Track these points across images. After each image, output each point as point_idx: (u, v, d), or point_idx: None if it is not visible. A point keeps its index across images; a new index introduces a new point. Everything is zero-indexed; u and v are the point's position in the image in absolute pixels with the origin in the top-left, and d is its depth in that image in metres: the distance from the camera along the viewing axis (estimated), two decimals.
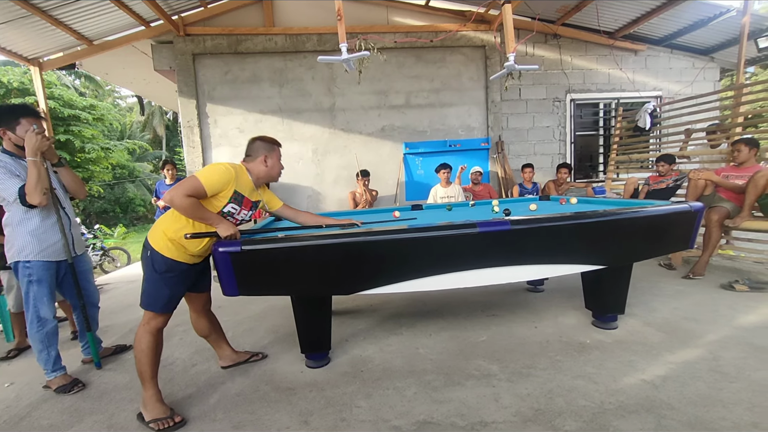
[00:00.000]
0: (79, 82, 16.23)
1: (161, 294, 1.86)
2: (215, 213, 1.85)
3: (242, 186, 1.94)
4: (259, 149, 2.04)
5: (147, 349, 1.86)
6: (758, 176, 3.20)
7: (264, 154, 2.02)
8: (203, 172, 1.82)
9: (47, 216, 2.18)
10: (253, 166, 2.03)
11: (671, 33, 5.58)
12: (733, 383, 1.85)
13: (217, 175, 1.82)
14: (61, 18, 4.18)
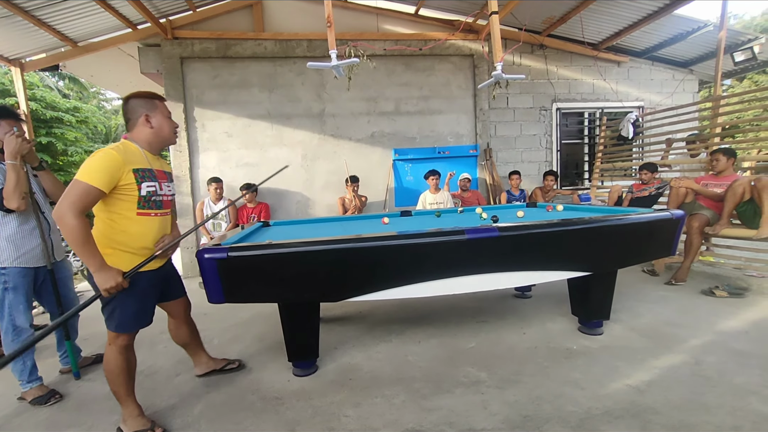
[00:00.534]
0: (62, 83, 15.88)
1: (128, 312, 1.68)
2: (101, 257, 1.52)
3: (139, 162, 1.66)
4: (136, 109, 1.69)
5: (118, 369, 1.72)
6: (736, 185, 3.30)
7: (143, 113, 1.69)
8: (83, 170, 1.51)
9: (26, 221, 2.11)
10: (136, 133, 1.70)
11: (652, 46, 5.76)
12: (715, 387, 1.88)
13: (98, 163, 1.52)
14: (45, 19, 4.10)
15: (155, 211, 1.73)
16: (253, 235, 2.73)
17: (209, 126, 5.11)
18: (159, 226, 1.76)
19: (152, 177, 1.70)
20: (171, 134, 1.79)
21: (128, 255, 1.66)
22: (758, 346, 2.28)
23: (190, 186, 5.05)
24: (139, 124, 1.69)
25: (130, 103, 1.70)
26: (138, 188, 1.64)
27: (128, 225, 1.65)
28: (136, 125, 1.70)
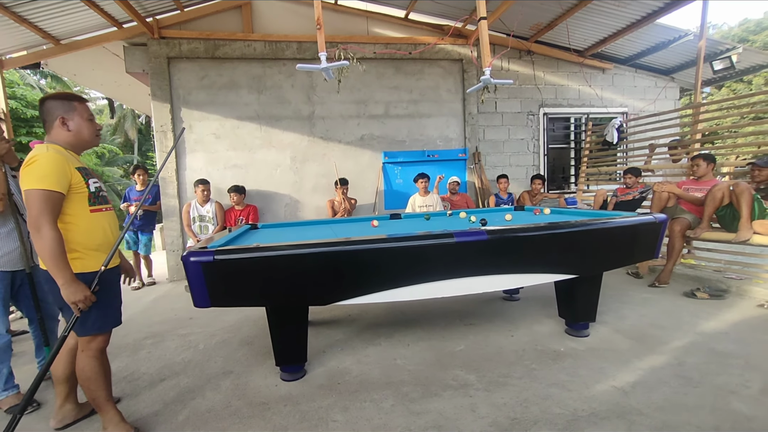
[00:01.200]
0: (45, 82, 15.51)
1: (104, 311, 1.65)
2: (71, 269, 1.51)
3: (75, 160, 1.64)
4: (51, 112, 1.61)
5: (95, 374, 1.67)
6: (715, 190, 3.40)
7: (59, 115, 1.61)
8: (33, 178, 1.46)
9: (3, 223, 2.05)
10: (53, 135, 1.63)
11: (635, 53, 5.91)
12: (697, 388, 1.93)
13: (47, 167, 1.48)
14: (26, 15, 3.99)
15: (105, 206, 1.73)
16: (241, 237, 2.69)
17: (196, 127, 5.04)
18: (112, 219, 1.77)
19: (92, 174, 1.71)
20: (91, 137, 1.72)
21: (92, 254, 1.63)
22: (738, 346, 2.35)
23: (177, 188, 4.97)
24: (56, 127, 1.63)
25: (45, 105, 1.63)
26: (87, 185, 1.63)
27: (85, 224, 1.62)
28: (53, 128, 1.63)
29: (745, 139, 4.68)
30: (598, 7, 4.70)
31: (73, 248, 1.59)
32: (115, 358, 2.64)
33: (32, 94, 11.35)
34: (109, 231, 1.73)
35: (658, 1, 4.55)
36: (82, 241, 1.61)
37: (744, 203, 3.18)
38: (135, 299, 4.27)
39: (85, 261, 1.61)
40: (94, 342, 1.67)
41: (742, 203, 3.19)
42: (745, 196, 3.17)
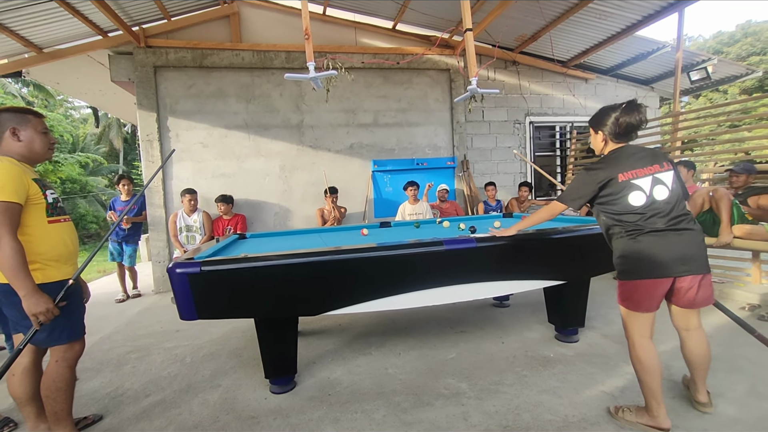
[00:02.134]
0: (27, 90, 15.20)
1: (75, 316, 1.69)
2: (33, 280, 1.50)
3: (30, 172, 1.64)
4: (2, 123, 1.60)
5: (67, 385, 1.66)
6: (696, 196, 3.49)
7: (10, 126, 1.60)
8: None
9: None
10: (4, 148, 1.61)
11: (616, 64, 6.09)
12: (684, 391, 1.95)
13: (4, 177, 1.47)
14: (6, 23, 3.93)
15: (63, 216, 1.72)
16: (229, 248, 2.66)
17: (183, 136, 4.99)
18: (71, 230, 1.76)
19: (48, 185, 1.70)
20: (44, 150, 1.69)
21: (53, 265, 1.63)
22: (722, 349, 2.39)
23: (163, 197, 4.89)
24: (6, 138, 1.60)
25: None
26: (44, 196, 1.62)
27: (43, 234, 1.61)
28: (3, 139, 1.61)
29: (722, 146, 4.84)
30: (580, 20, 4.85)
31: (33, 259, 1.57)
32: (97, 374, 2.56)
33: (14, 104, 11.09)
34: (69, 242, 1.72)
35: (636, 15, 4.72)
36: (42, 251, 1.60)
37: (723, 208, 3.27)
38: (119, 312, 4.16)
39: (46, 271, 1.60)
40: (71, 351, 1.67)
41: (721, 208, 3.29)
42: (725, 201, 3.27)
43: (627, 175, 1.66)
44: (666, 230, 1.61)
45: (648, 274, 1.61)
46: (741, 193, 3.46)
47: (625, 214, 1.66)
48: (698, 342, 1.76)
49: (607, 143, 1.81)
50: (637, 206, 1.64)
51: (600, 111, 1.83)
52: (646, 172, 1.66)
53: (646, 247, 1.61)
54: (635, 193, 1.64)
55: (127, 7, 4.35)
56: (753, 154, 4.22)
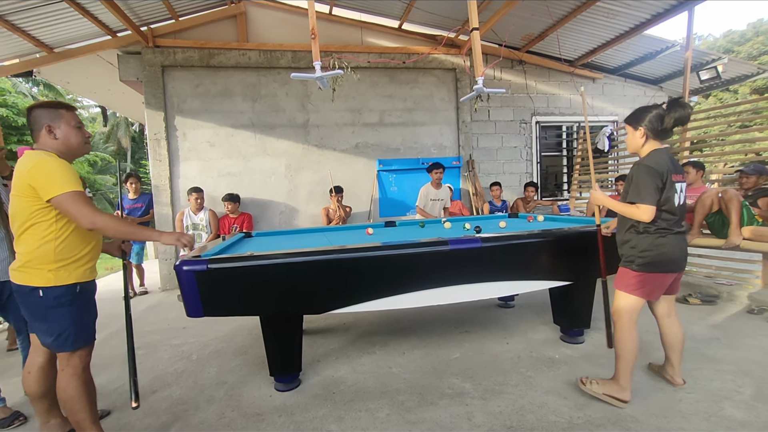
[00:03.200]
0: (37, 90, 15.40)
1: (85, 321, 1.62)
2: (148, 229, 1.75)
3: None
4: (37, 120, 1.58)
5: (78, 394, 1.58)
6: (705, 197, 3.45)
7: (46, 123, 1.57)
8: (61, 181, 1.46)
9: None
10: (41, 144, 1.59)
11: (624, 63, 6.03)
12: (690, 394, 1.94)
13: (64, 170, 1.49)
14: (19, 24, 3.98)
15: None
16: (235, 246, 2.68)
17: (190, 135, 5.03)
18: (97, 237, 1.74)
19: (84, 183, 1.75)
20: (80, 145, 1.66)
21: (87, 264, 1.64)
22: (730, 352, 2.37)
23: (170, 196, 4.94)
24: (42, 135, 1.58)
25: (32, 114, 1.59)
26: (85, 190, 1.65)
27: (81, 232, 1.59)
28: (40, 136, 1.58)
29: (732, 147, 4.78)
30: (588, 19, 4.81)
31: (68, 258, 1.55)
32: (105, 369, 2.59)
33: (24, 102, 11.25)
34: (100, 240, 1.73)
35: (645, 13, 4.67)
36: (79, 249, 1.59)
37: (733, 210, 3.23)
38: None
39: (61, 273, 1.55)
40: (73, 358, 1.60)
41: (731, 210, 3.24)
42: (734, 202, 3.23)
43: (676, 177, 1.81)
44: (680, 232, 1.86)
45: (669, 269, 1.83)
46: (751, 194, 3.41)
47: (665, 212, 1.81)
48: (678, 326, 2.01)
49: (647, 140, 1.86)
50: (676, 207, 1.81)
51: (639, 109, 1.89)
52: (680, 179, 1.83)
53: (670, 245, 1.81)
54: (677, 195, 1.81)
55: (135, 8, 4.39)
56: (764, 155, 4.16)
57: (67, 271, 1.56)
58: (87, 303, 1.65)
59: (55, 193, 1.45)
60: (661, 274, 1.83)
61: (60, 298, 1.53)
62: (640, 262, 1.84)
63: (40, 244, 1.51)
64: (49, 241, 1.52)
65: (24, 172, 1.47)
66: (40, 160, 1.49)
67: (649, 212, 1.78)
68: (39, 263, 1.51)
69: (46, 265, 1.52)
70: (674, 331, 1.99)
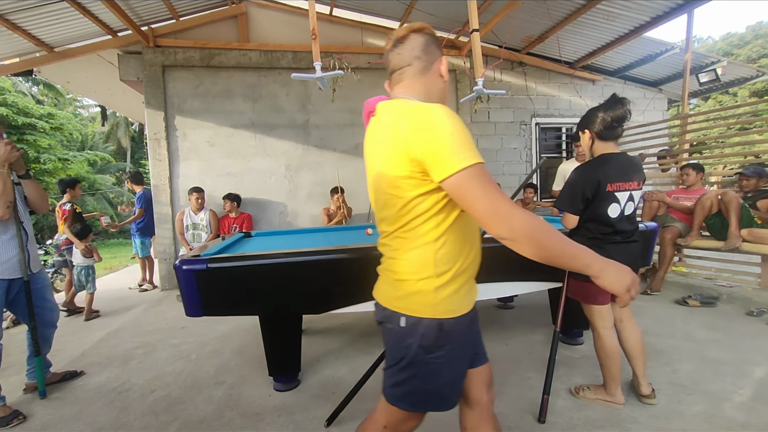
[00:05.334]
0: (37, 89, 15.40)
1: (444, 382, 1.01)
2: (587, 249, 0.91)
3: None
4: (431, 50, 1.04)
5: None
6: (704, 199, 3.46)
7: (440, 56, 1.06)
8: (463, 150, 0.85)
9: (4, 231, 2.04)
10: (423, 84, 1.04)
11: (624, 65, 6.04)
12: (691, 395, 1.93)
13: (465, 131, 0.89)
14: (19, 23, 3.98)
15: None
16: (234, 246, 2.68)
17: (191, 135, 5.03)
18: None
19: None
20: (444, 95, 1.10)
21: (463, 294, 1.01)
22: (730, 353, 2.37)
23: (170, 195, 4.93)
24: (433, 72, 1.05)
25: (424, 39, 1.03)
26: None
27: (462, 230, 0.99)
28: (428, 72, 1.04)
29: (731, 149, 4.78)
30: (587, 21, 4.82)
31: (460, 267, 0.99)
32: (104, 369, 2.59)
33: (23, 101, 11.25)
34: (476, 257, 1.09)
35: (645, 16, 4.68)
36: (468, 255, 1.01)
37: (732, 212, 3.24)
38: (126, 308, 4.20)
39: (457, 300, 0.99)
40: (404, 422, 1.10)
41: (730, 212, 3.25)
42: (734, 204, 3.23)
43: (613, 186, 1.73)
44: (621, 242, 1.79)
45: None
46: (750, 196, 3.42)
47: (596, 222, 1.77)
48: (631, 331, 1.92)
49: (594, 142, 1.83)
50: (611, 218, 1.74)
51: (587, 112, 1.86)
52: (627, 188, 1.76)
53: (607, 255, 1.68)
54: (614, 205, 1.74)
55: (136, 7, 4.39)
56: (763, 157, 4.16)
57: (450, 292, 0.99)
58: (455, 350, 1.02)
59: (466, 162, 0.85)
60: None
61: (425, 340, 0.98)
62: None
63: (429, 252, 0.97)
64: (443, 242, 0.97)
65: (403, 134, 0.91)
66: (433, 111, 0.89)
67: (570, 220, 1.81)
68: (427, 278, 0.97)
69: (432, 283, 0.98)
70: (626, 336, 1.90)
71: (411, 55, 1.03)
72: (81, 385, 2.36)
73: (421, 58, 1.03)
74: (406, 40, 1.04)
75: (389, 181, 0.95)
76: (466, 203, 0.87)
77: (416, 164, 0.89)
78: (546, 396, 1.81)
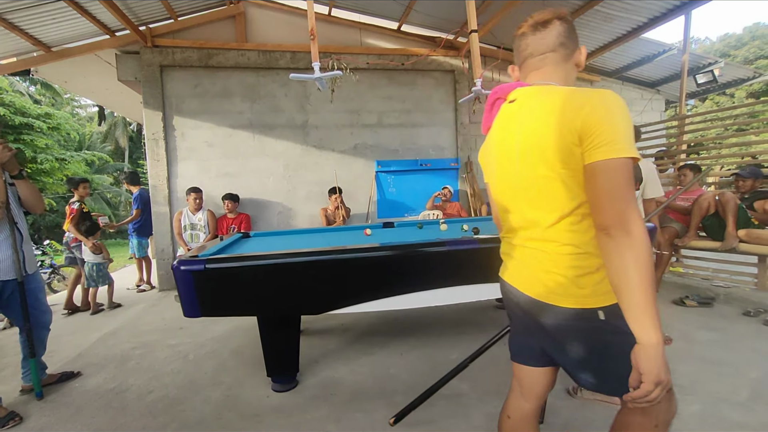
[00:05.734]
0: (34, 89, 15.35)
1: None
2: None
3: None
4: (573, 37, 1.04)
5: None
6: (701, 199, 3.48)
7: (578, 43, 1.06)
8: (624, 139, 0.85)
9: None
10: (563, 71, 1.04)
11: (622, 66, 6.06)
12: (688, 396, 1.94)
13: (630, 123, 0.90)
14: (17, 22, 3.97)
15: None
16: (232, 246, 2.67)
17: (189, 135, 5.02)
18: None
19: None
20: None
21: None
22: (727, 354, 2.38)
23: (168, 196, 4.92)
24: (573, 61, 1.04)
25: (568, 26, 1.03)
26: None
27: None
28: (569, 60, 1.04)
29: (729, 150, 4.80)
30: (585, 22, 4.83)
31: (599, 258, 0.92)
32: (102, 370, 2.58)
33: (20, 101, 11.20)
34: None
35: (642, 17, 4.70)
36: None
37: (729, 212, 3.25)
38: (123, 309, 4.19)
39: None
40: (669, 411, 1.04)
41: (727, 212, 3.26)
42: (731, 205, 3.25)
43: None
44: None
45: None
46: (747, 197, 3.44)
47: None
48: None
49: None
50: None
51: None
52: None
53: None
54: None
55: (134, 7, 4.38)
56: (760, 158, 4.19)
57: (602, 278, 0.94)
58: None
59: (619, 152, 0.84)
60: None
61: (614, 327, 0.95)
62: None
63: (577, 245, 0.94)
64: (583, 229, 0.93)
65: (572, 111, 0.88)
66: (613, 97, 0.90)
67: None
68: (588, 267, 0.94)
69: (597, 273, 0.93)
70: None
71: (556, 42, 1.02)
72: (78, 386, 2.35)
73: (565, 45, 1.02)
74: (549, 26, 1.02)
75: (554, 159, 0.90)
76: (603, 190, 0.84)
77: (581, 142, 0.87)
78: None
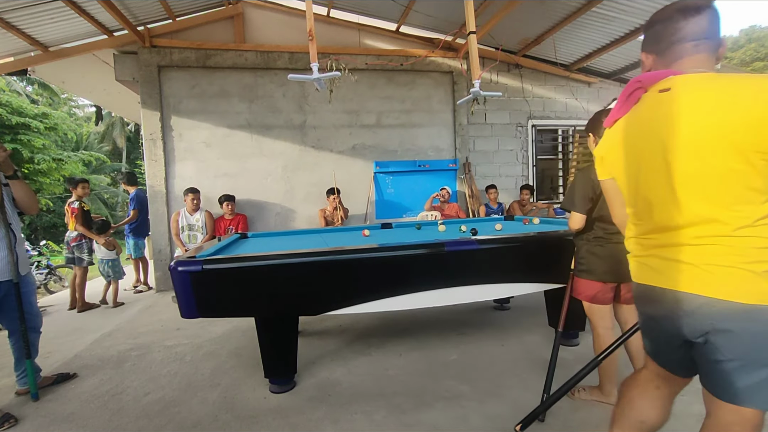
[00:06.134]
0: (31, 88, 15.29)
1: None
2: None
3: None
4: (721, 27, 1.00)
5: None
6: None
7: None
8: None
9: None
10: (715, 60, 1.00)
11: (620, 68, 6.09)
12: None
13: None
14: (14, 22, 3.95)
15: None
16: (230, 247, 2.67)
17: (187, 135, 5.00)
18: None
19: None
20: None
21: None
22: None
23: (166, 196, 4.90)
24: (719, 53, 1.00)
25: (719, 17, 0.98)
26: None
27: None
28: (717, 51, 0.99)
29: None
30: (584, 23, 4.85)
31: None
32: (98, 371, 2.56)
33: (17, 101, 11.15)
34: None
35: (640, 19, 4.72)
36: None
37: None
38: (120, 310, 4.18)
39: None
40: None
41: None
42: None
43: None
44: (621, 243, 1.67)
45: (603, 278, 1.84)
46: None
47: (602, 221, 1.80)
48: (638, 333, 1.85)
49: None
50: None
51: (593, 115, 1.88)
52: None
53: (605, 255, 1.81)
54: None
55: (132, 7, 4.37)
56: None
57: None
58: None
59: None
60: (597, 282, 1.85)
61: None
62: (579, 268, 1.92)
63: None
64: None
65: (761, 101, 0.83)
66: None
67: (577, 220, 1.83)
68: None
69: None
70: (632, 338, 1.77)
71: (712, 29, 0.98)
72: (74, 388, 2.34)
73: (717, 34, 0.99)
74: (704, 12, 0.97)
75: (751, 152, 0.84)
76: None
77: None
78: (546, 395, 1.81)
